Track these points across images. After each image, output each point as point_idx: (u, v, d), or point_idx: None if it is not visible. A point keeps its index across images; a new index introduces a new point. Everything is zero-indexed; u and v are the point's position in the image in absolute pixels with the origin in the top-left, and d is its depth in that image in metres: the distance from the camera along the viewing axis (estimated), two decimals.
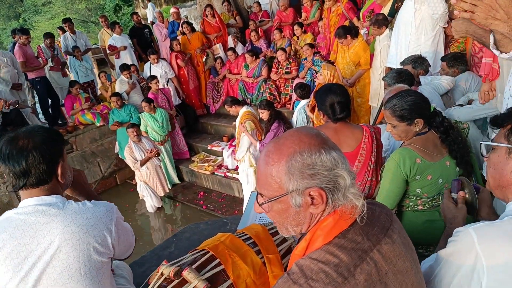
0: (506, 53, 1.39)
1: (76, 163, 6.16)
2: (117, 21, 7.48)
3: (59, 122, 6.73)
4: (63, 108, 6.64)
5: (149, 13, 8.43)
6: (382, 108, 1.97)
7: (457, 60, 3.42)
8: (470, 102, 2.83)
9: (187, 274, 1.27)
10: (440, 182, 1.72)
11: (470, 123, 2.59)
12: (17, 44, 5.97)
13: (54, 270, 1.17)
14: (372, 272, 0.78)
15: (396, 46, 4.01)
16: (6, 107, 5.37)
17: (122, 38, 7.10)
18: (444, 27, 3.89)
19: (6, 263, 1.16)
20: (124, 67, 6.31)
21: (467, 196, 1.30)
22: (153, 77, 6.08)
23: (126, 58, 7.03)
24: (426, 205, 1.77)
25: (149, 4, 9.85)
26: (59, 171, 1.26)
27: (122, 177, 6.76)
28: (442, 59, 3.61)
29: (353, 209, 0.82)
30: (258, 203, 0.88)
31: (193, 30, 7.03)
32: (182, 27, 7.02)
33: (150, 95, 5.99)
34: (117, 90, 6.31)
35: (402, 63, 3.33)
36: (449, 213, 1.29)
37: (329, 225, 0.82)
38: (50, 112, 6.60)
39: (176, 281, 1.28)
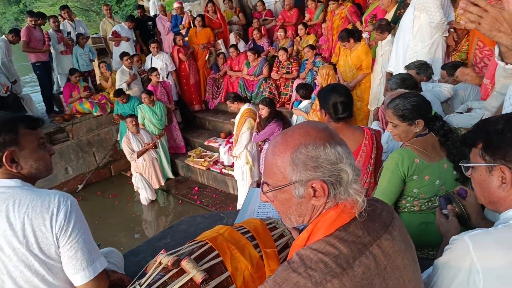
0: (511, 65, 1.42)
1: (71, 152, 6.15)
2: (133, 16, 7.50)
3: (56, 109, 6.69)
4: (61, 96, 6.60)
5: (151, 6, 8.37)
6: (385, 107, 1.99)
7: (456, 69, 3.46)
8: (469, 110, 2.86)
9: (185, 264, 1.27)
10: (437, 183, 1.75)
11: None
12: (26, 25, 6.03)
13: (8, 245, 1.19)
14: (370, 266, 0.79)
15: (396, 52, 4.05)
16: (4, 91, 5.33)
17: (128, 30, 7.13)
18: (445, 36, 3.92)
19: None
20: (125, 54, 6.30)
21: (456, 209, 1.34)
22: (153, 69, 6.07)
23: (127, 48, 7.01)
24: (423, 206, 1.80)
25: None
26: (5, 159, 1.25)
27: (117, 168, 6.75)
28: (443, 67, 3.64)
29: (354, 204, 0.84)
30: (263, 191, 0.91)
31: (204, 25, 7.02)
32: (194, 19, 7.02)
33: (149, 88, 5.98)
34: (117, 81, 6.29)
35: (407, 67, 3.36)
36: (442, 227, 1.32)
37: (331, 218, 0.84)
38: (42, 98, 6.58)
39: (175, 270, 1.29)
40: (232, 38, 7.27)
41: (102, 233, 4.81)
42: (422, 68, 3.21)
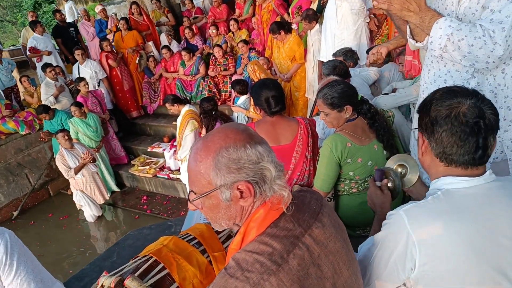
0: (420, 42, 1.54)
1: (0, 177, 5.61)
2: (38, 20, 6.87)
3: None
4: None
5: (68, 13, 7.69)
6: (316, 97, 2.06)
7: None
8: (394, 90, 3.06)
9: (129, 283, 1.22)
10: (370, 164, 1.85)
11: (395, 110, 2.80)
12: None
13: None
14: (305, 256, 0.82)
15: (325, 41, 4.20)
16: None
17: (44, 38, 6.58)
18: (367, 22, 4.14)
19: None
20: (47, 65, 5.84)
21: (389, 184, 1.39)
22: (81, 79, 5.68)
23: (50, 60, 6.51)
24: (359, 187, 1.89)
25: (67, 4, 8.98)
26: None
27: (56, 188, 6.28)
28: (367, 51, 3.85)
29: (281, 199, 0.85)
30: (189, 200, 0.89)
31: (129, 28, 6.72)
32: (119, 23, 6.68)
33: (79, 99, 5.61)
34: (42, 94, 5.83)
35: (334, 55, 3.50)
36: (377, 199, 1.37)
37: (261, 217, 0.85)
38: None
39: None
40: (163, 39, 7.06)
41: (46, 261, 4.46)
42: (348, 55, 3.37)
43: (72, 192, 5.27)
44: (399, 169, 1.48)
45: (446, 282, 0.97)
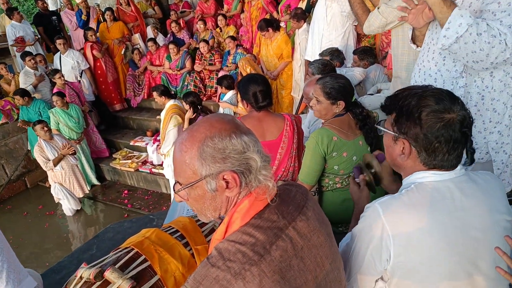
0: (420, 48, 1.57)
1: None
2: (15, 6, 6.64)
3: None
4: None
5: (51, 1, 7.41)
6: (306, 87, 2.06)
7: (366, 53, 3.72)
8: (379, 91, 3.10)
9: (109, 274, 1.19)
10: (354, 159, 1.88)
11: (379, 110, 2.84)
12: None
13: None
14: (287, 248, 0.82)
15: (312, 41, 4.21)
16: None
17: (23, 26, 6.35)
18: (354, 25, 4.18)
19: None
20: (27, 54, 5.65)
21: (367, 178, 1.42)
22: (56, 71, 5.48)
23: (31, 48, 6.31)
24: (343, 182, 1.91)
25: None
26: None
27: (33, 179, 6.12)
28: (354, 52, 3.89)
29: (266, 190, 0.85)
30: (175, 191, 0.88)
31: (115, 19, 6.58)
32: (104, 13, 6.55)
33: (55, 91, 5.44)
34: (21, 83, 5.63)
35: (320, 54, 3.52)
36: (355, 195, 1.40)
37: (246, 207, 0.85)
38: None
39: (98, 283, 1.20)
40: (149, 32, 6.95)
41: (21, 253, 4.34)
42: (335, 54, 3.40)
43: (50, 185, 5.13)
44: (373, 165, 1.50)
45: (420, 273, 1.00)
